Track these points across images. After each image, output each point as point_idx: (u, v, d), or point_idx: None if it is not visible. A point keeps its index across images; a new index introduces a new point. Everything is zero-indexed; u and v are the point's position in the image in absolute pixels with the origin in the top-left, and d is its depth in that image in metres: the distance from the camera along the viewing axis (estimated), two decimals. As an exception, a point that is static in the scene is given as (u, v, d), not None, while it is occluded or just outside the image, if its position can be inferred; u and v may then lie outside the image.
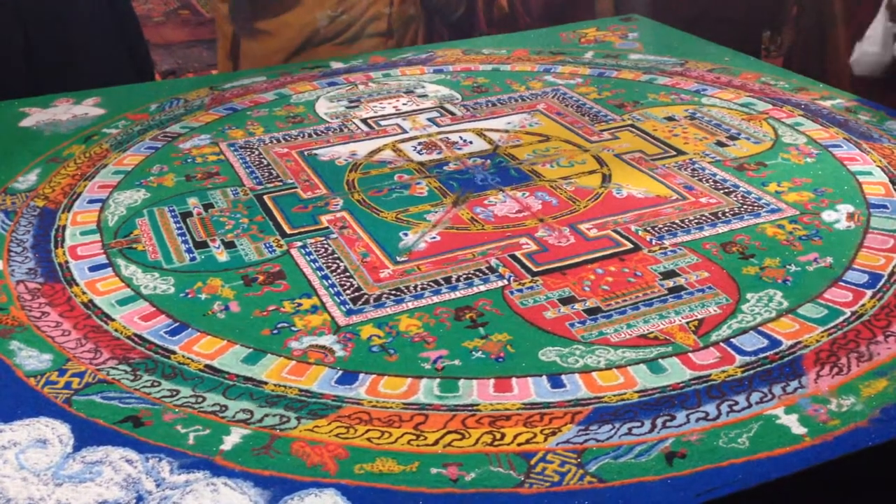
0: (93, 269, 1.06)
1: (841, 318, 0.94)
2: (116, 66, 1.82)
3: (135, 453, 0.77)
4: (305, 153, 1.37)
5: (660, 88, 1.58)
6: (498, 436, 0.79)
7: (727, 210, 1.16)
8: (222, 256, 1.08)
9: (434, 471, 0.75)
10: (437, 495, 0.73)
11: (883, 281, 1.00)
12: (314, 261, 1.07)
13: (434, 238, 1.11)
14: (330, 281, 1.02)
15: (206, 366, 0.89)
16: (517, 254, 1.07)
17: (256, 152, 1.37)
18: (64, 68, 1.74)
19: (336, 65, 1.75)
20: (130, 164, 1.34)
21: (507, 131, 1.43)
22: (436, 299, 0.99)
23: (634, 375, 0.86)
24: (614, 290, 0.99)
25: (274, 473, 0.75)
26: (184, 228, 1.15)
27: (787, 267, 1.03)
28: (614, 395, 0.84)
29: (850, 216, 1.13)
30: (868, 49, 1.46)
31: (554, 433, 0.79)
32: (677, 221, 1.13)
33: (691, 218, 1.14)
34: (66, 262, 1.07)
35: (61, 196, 1.24)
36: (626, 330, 0.93)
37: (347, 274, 1.04)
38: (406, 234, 1.12)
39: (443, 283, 1.02)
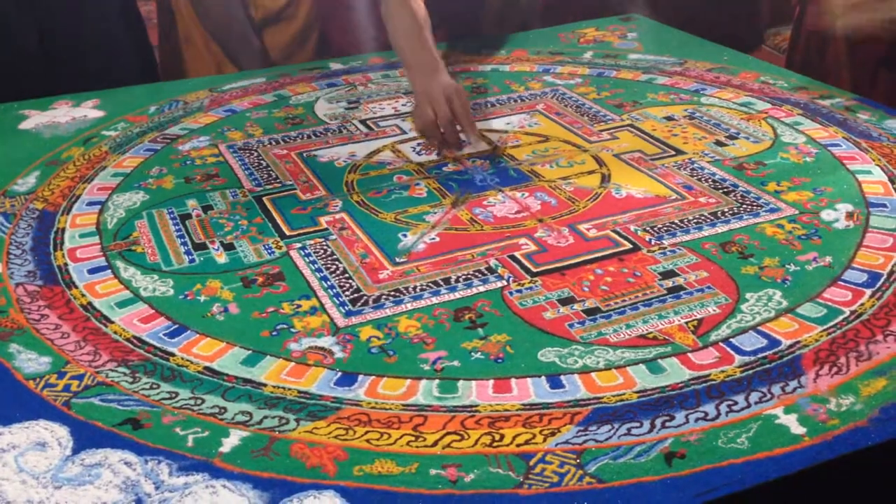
0: (92, 271, 1.06)
1: (840, 318, 0.93)
2: (127, 68, 1.83)
3: (134, 456, 0.77)
4: (304, 154, 1.37)
5: (659, 88, 1.58)
6: (497, 437, 0.79)
7: (726, 210, 1.15)
8: (221, 258, 1.08)
9: (433, 472, 0.75)
10: (437, 496, 0.73)
11: (882, 280, 1.00)
12: (313, 262, 1.07)
13: (433, 239, 1.11)
14: (329, 282, 1.02)
15: (206, 368, 0.89)
16: (516, 254, 1.07)
17: (255, 154, 1.37)
18: (76, 69, 1.74)
19: (335, 66, 1.75)
20: (129, 167, 1.34)
21: (506, 132, 1.43)
22: (435, 300, 0.99)
23: (633, 376, 0.86)
24: (613, 290, 0.99)
25: (273, 475, 0.75)
26: (183, 230, 1.15)
27: (787, 266, 1.03)
28: (613, 396, 0.83)
29: (850, 215, 1.13)
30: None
31: (553, 434, 0.79)
32: (676, 221, 1.13)
33: (690, 218, 1.14)
34: (66, 264, 1.07)
35: (60, 198, 1.24)
36: (626, 330, 0.93)
37: (347, 275, 1.04)
38: (405, 235, 1.12)
39: (442, 283, 1.02)
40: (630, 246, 1.08)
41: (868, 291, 0.98)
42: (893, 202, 1.16)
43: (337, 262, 1.06)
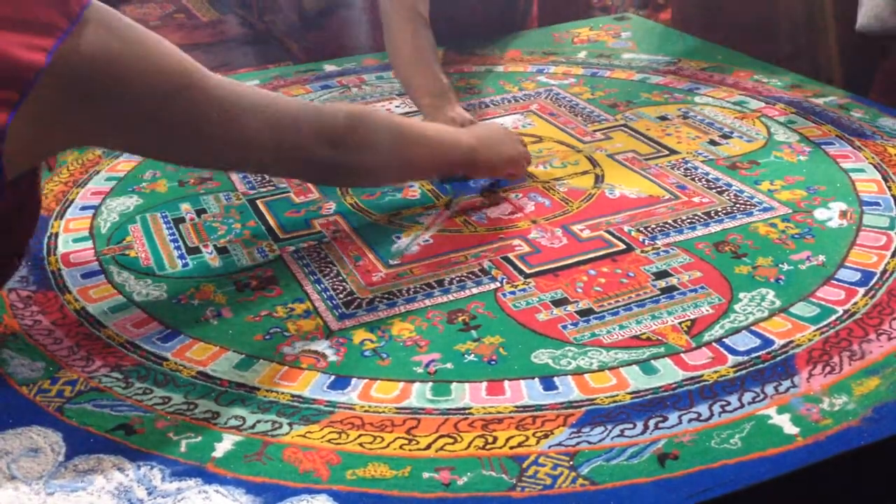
0: (85, 276, 1.06)
1: (833, 317, 0.93)
2: None
3: (126, 461, 0.77)
4: (298, 157, 1.37)
5: (653, 87, 1.58)
6: (490, 439, 0.79)
7: (720, 209, 1.15)
8: (215, 262, 1.08)
9: (426, 475, 0.75)
10: (430, 500, 0.73)
11: (875, 279, 1.00)
12: (307, 265, 1.07)
13: (427, 241, 1.11)
14: (322, 285, 1.02)
15: (199, 372, 0.89)
16: (510, 256, 1.07)
17: (249, 157, 1.37)
18: None
19: (329, 67, 1.75)
20: (123, 171, 1.34)
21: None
22: (428, 302, 0.99)
23: (627, 377, 0.86)
24: (607, 291, 0.99)
25: (266, 480, 0.75)
26: (176, 234, 1.15)
27: (780, 266, 1.03)
28: (606, 397, 0.83)
29: (843, 214, 1.13)
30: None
31: (546, 436, 0.79)
32: (670, 221, 1.13)
33: (684, 218, 1.14)
34: (59, 269, 1.07)
35: (54, 203, 1.23)
36: (619, 331, 0.92)
37: (340, 278, 1.04)
38: (399, 238, 1.12)
39: (435, 286, 1.02)
40: (623, 246, 1.08)
41: (861, 290, 0.98)
42: (887, 200, 1.16)
43: (330, 265, 1.06)
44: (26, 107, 0.77)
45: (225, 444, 0.79)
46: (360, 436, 0.80)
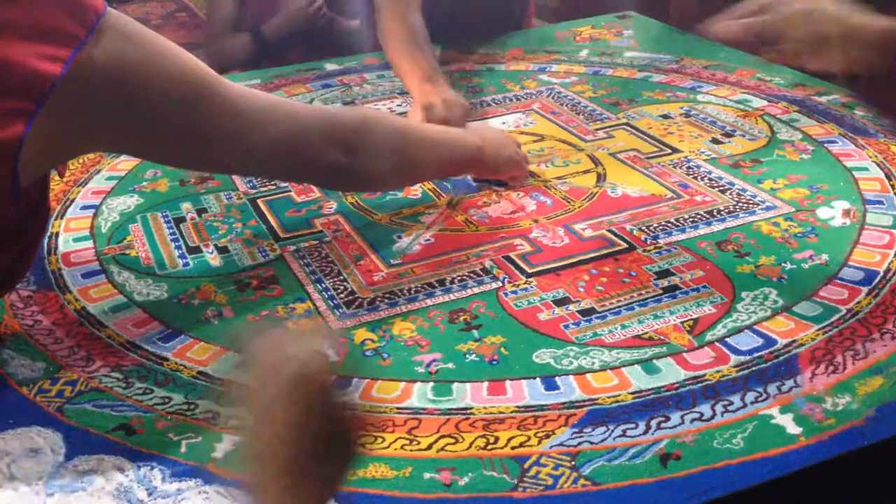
0: (86, 275, 1.06)
1: (836, 316, 0.93)
2: None
3: (127, 462, 0.77)
4: (299, 156, 1.36)
5: (655, 86, 1.58)
6: (491, 439, 0.79)
7: (722, 208, 1.15)
8: (216, 261, 1.08)
9: (427, 476, 0.75)
10: (431, 500, 0.73)
11: (878, 278, 0.99)
12: (308, 265, 1.06)
13: (428, 240, 1.11)
14: (323, 285, 1.02)
15: (199, 372, 0.89)
16: (511, 255, 1.07)
17: (250, 156, 1.37)
18: None
19: (330, 66, 1.75)
20: (124, 170, 1.33)
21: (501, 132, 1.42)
22: (429, 302, 0.98)
23: (629, 376, 0.86)
24: (609, 290, 0.99)
25: (266, 480, 0.75)
26: (177, 234, 1.15)
27: (783, 265, 1.02)
28: (608, 397, 0.83)
29: (846, 212, 1.13)
30: None
31: (548, 436, 0.79)
32: (672, 220, 1.13)
33: (686, 216, 1.13)
34: (59, 269, 1.07)
35: (54, 203, 1.23)
36: (621, 330, 0.92)
37: (341, 277, 1.03)
38: (400, 237, 1.12)
39: (437, 285, 1.01)
40: (625, 245, 1.07)
41: (864, 289, 0.97)
42: (890, 199, 1.15)
43: (331, 265, 1.06)
44: (42, 117, 0.77)
45: (225, 445, 0.79)
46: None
